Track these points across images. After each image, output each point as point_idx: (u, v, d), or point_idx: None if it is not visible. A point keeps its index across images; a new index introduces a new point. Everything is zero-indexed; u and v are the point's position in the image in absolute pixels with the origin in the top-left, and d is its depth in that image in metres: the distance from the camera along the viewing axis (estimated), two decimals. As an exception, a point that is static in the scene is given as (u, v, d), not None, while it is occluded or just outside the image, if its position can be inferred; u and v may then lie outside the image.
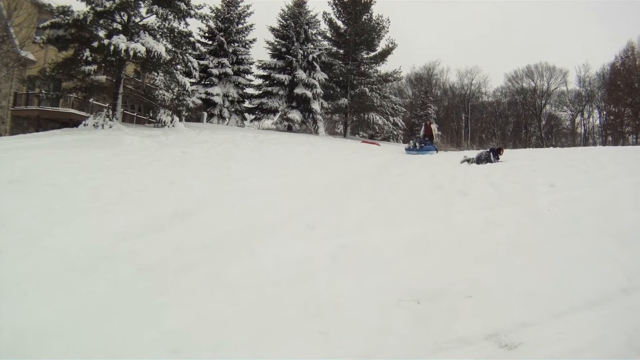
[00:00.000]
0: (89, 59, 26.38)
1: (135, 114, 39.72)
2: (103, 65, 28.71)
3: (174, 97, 31.94)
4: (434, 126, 31.55)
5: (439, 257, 6.95)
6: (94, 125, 26.89)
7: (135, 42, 26.63)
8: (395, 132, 50.73)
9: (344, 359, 4.47)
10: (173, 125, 29.95)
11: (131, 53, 26.02)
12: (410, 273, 6.32)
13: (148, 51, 26.61)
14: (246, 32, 49.61)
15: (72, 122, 31.26)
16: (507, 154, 17.98)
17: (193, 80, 35.56)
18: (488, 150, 17.16)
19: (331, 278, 6.42)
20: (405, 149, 28.09)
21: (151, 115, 35.93)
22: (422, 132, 29.09)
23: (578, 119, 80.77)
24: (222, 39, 46.67)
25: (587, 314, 5.10)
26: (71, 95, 32.85)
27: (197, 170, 14.90)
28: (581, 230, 7.91)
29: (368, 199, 11.14)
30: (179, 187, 12.36)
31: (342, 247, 7.67)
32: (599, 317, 5.01)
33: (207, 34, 47.89)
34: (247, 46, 49.59)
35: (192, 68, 31.25)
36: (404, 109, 54.64)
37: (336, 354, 4.55)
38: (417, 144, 27.58)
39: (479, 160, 16.36)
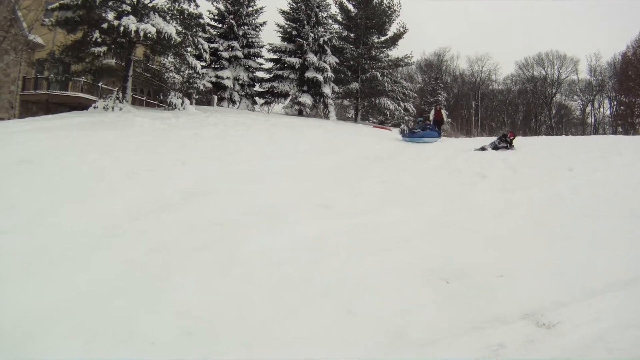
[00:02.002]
0: (99, 40, 25.90)
1: (144, 98, 39.42)
2: (113, 47, 28.23)
3: (185, 79, 31.58)
4: (444, 112, 29.48)
5: (462, 236, 6.80)
6: (103, 107, 26.61)
7: (145, 23, 26.28)
8: (406, 118, 50.54)
9: (376, 338, 4.29)
10: (184, 108, 29.51)
11: (141, 34, 25.74)
12: (434, 252, 6.17)
13: (158, 32, 26.30)
14: (256, 15, 48.75)
15: (81, 106, 30.65)
16: (521, 140, 17.62)
17: (203, 63, 35.13)
18: (498, 138, 16.74)
19: (351, 256, 6.26)
20: (402, 135, 22.56)
21: (161, 99, 35.80)
22: (431, 117, 27.45)
23: (588, 109, 79.65)
24: (232, 21, 45.92)
25: (622, 294, 4.94)
26: (80, 79, 32.57)
27: (209, 151, 14.69)
28: (604, 212, 7.79)
29: (383, 180, 10.97)
30: (191, 167, 12.17)
31: (360, 225, 7.53)
32: (634, 297, 4.88)
33: (216, 17, 47.10)
34: (257, 29, 48.69)
35: (202, 50, 30.91)
36: (415, 95, 54.35)
37: (367, 334, 4.37)
38: (415, 128, 22.73)
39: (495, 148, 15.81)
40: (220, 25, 46.37)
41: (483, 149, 15.74)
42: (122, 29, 25.35)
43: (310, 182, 11.10)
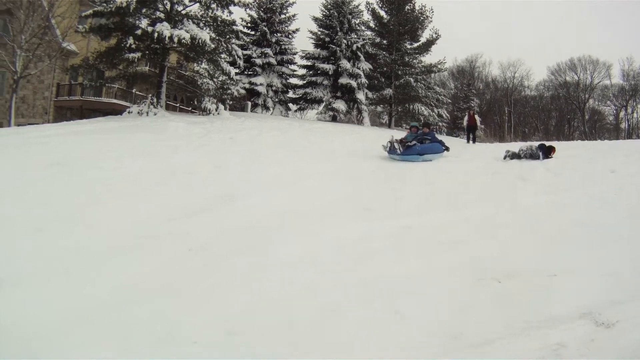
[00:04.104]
0: (133, 46, 26.12)
1: (178, 105, 39.49)
2: (147, 53, 28.67)
3: (219, 85, 31.72)
4: (477, 117, 28.20)
5: (510, 237, 6.68)
6: (138, 112, 26.79)
7: (179, 30, 26.47)
8: (440, 124, 50.30)
9: (430, 339, 4.18)
10: (218, 113, 29.57)
11: (175, 40, 25.95)
12: (483, 253, 6.05)
13: (192, 38, 26.37)
14: (289, 22, 48.89)
15: (114, 112, 30.96)
16: (556, 145, 17.11)
17: (237, 70, 34.98)
18: (537, 146, 15.21)
19: (398, 257, 6.15)
20: (389, 151, 16.20)
21: (195, 104, 35.70)
22: (465, 123, 27.31)
23: (622, 114, 78.22)
24: (265, 29, 46.06)
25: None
26: (114, 85, 32.72)
27: (245, 155, 14.69)
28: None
29: (423, 183, 10.90)
30: (227, 170, 12.17)
31: (404, 227, 7.44)
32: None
33: (249, 24, 47.25)
34: (290, 36, 48.86)
35: (236, 57, 31.21)
36: (449, 100, 54.21)
37: (420, 335, 4.26)
38: (409, 140, 16.51)
39: (525, 155, 14.74)
40: (253, 33, 46.49)
41: (511, 156, 14.70)
42: (156, 35, 25.56)
43: (349, 186, 11.00)
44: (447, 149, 16.74)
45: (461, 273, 5.44)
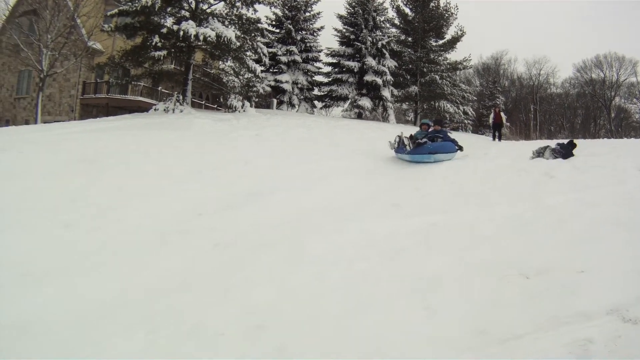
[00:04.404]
0: (159, 44, 26.35)
1: (203, 102, 39.52)
2: (172, 51, 28.96)
3: (244, 83, 31.99)
4: (503, 114, 27.67)
5: (538, 235, 6.62)
6: (164, 109, 27.18)
7: (205, 28, 26.65)
8: (466, 122, 50.15)
9: (459, 334, 4.22)
10: (244, 110, 29.93)
11: (201, 38, 26.12)
12: (511, 250, 6.04)
13: (218, 36, 26.56)
14: (313, 20, 48.97)
15: (140, 110, 31.47)
16: (582, 143, 16.88)
17: (262, 67, 35.26)
18: (557, 144, 14.02)
19: (426, 254, 6.21)
20: (396, 150, 14.95)
21: (220, 102, 36.18)
22: (491, 121, 26.86)
23: (648, 112, 77.38)
24: (290, 26, 46.26)
25: None
26: (139, 83, 33.11)
27: (271, 151, 14.79)
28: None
29: (450, 181, 10.83)
30: (254, 167, 12.31)
31: (432, 224, 7.46)
32: None
33: (274, 22, 47.49)
34: (314, 34, 48.98)
35: (261, 54, 31.33)
36: (475, 98, 54.03)
37: (448, 330, 4.31)
38: (420, 138, 14.50)
39: (550, 155, 14.25)
40: (278, 31, 46.86)
41: (540, 154, 14.20)
42: (181, 33, 25.81)
43: (375, 183, 11.10)
44: (460, 148, 14.58)
45: (488, 269, 5.45)
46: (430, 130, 15.57)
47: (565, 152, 12.96)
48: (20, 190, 9.30)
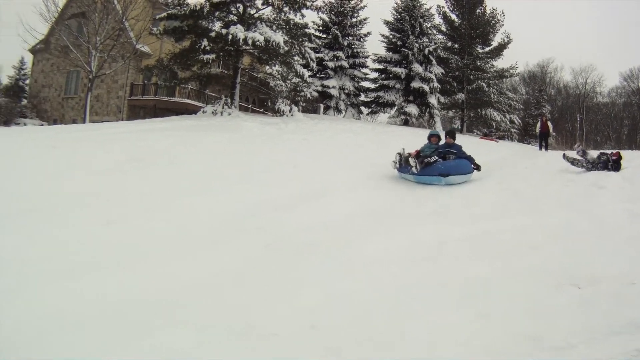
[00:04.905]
0: (207, 48, 26.74)
1: (249, 106, 39.96)
2: (221, 54, 29.31)
3: (292, 87, 32.22)
4: (550, 123, 26.97)
5: (587, 244, 6.57)
6: (212, 112, 27.41)
7: (253, 32, 26.92)
8: (512, 130, 49.74)
9: (511, 341, 4.20)
10: (291, 115, 29.79)
11: (250, 42, 26.43)
12: (562, 259, 5.99)
13: (266, 41, 26.76)
14: (360, 26, 48.72)
15: (187, 112, 31.95)
16: (629, 154, 16.36)
17: (309, 72, 35.48)
18: (599, 154, 12.86)
19: (475, 260, 6.22)
20: (399, 169, 12.87)
21: (267, 106, 36.70)
22: (538, 130, 26.54)
23: (697, 121, 75.47)
24: (337, 32, 46.18)
25: None
26: (187, 86, 33.71)
27: (319, 155, 14.94)
28: None
29: (500, 188, 10.85)
30: (302, 170, 12.43)
31: (481, 232, 7.47)
32: None
33: (321, 28, 47.36)
34: (361, 39, 48.75)
35: (309, 59, 31.57)
36: (521, 106, 53.52)
37: (501, 337, 4.29)
38: (429, 154, 12.36)
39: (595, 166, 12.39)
40: (325, 36, 46.87)
41: (574, 162, 13.47)
42: (230, 37, 26.13)
43: (423, 187, 11.31)
44: (477, 168, 12.33)
45: (540, 277, 5.43)
46: (440, 144, 12.98)
47: (611, 164, 12.43)
48: (69, 187, 9.50)
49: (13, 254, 6.21)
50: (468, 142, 21.64)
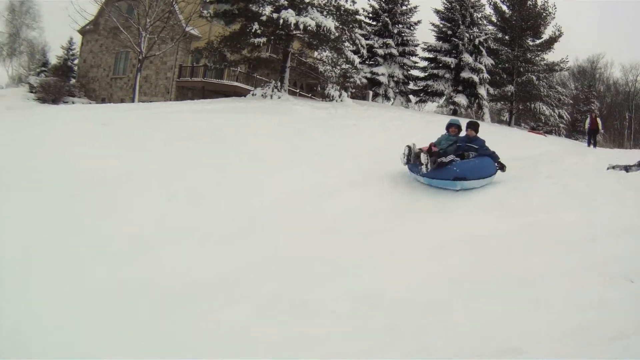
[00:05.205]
0: (258, 32, 27.09)
1: (297, 91, 39.72)
2: (272, 38, 29.48)
3: (341, 73, 32.23)
4: (599, 120, 26.48)
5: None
6: (262, 95, 27.59)
7: (304, 17, 27.06)
8: (561, 125, 49.15)
9: (566, 330, 4.24)
10: (341, 100, 29.82)
11: (301, 27, 26.64)
12: (614, 253, 5.98)
13: (318, 26, 26.91)
14: (410, 14, 48.20)
15: (235, 94, 32.24)
16: None
17: (359, 59, 34.99)
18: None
19: (525, 253, 6.21)
20: (410, 167, 10.59)
21: (315, 91, 36.86)
22: (587, 126, 26.17)
23: None
24: (387, 19, 45.81)
25: None
26: (235, 69, 34.02)
27: (369, 141, 14.92)
28: None
29: (550, 182, 10.54)
30: (352, 155, 12.42)
31: (530, 225, 7.40)
32: None
33: (371, 14, 47.05)
34: (411, 28, 48.27)
35: (359, 46, 31.62)
36: (571, 101, 52.83)
37: (555, 323, 4.36)
38: (442, 151, 10.31)
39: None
40: (374, 23, 46.72)
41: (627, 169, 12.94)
42: (281, 21, 26.21)
43: None
44: (502, 167, 10.51)
45: (592, 271, 5.43)
46: (460, 136, 11.00)
47: None
48: (119, 165, 9.64)
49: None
50: (516, 135, 21.31)
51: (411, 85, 48.26)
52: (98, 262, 5.69)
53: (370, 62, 44.47)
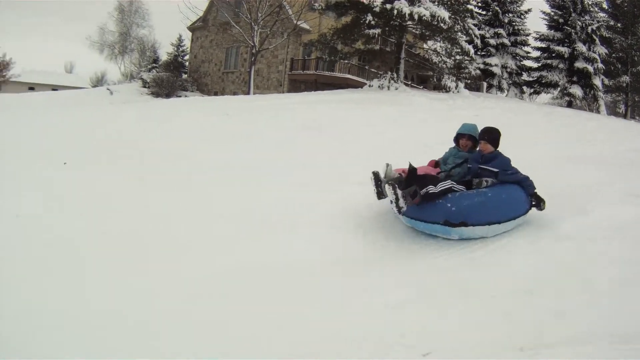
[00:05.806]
0: (372, 22, 27.36)
1: (409, 82, 39.00)
2: (386, 29, 29.65)
3: (455, 64, 31.93)
4: None
5: None
6: (379, 86, 27.81)
7: (418, 7, 26.99)
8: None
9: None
10: (457, 91, 29.66)
11: (415, 17, 26.56)
12: None
13: (432, 15, 26.80)
14: (520, 2, 47.31)
15: (348, 87, 32.57)
16: None
17: (472, 49, 34.91)
18: None
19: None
20: (396, 205, 6.06)
21: (428, 82, 37.26)
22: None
23: None
24: (497, 8, 45.30)
25: None
26: (348, 61, 34.51)
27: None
28: None
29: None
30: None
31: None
32: None
33: (481, 4, 46.50)
34: (522, 17, 47.42)
35: (473, 35, 31.78)
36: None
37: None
38: (450, 171, 6.86)
39: None
40: (484, 12, 46.17)
41: None
42: (395, 12, 26.27)
43: (607, 168, 10.31)
44: (538, 204, 6.58)
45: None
46: (472, 152, 7.13)
47: None
48: (252, 150, 10.10)
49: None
50: (636, 129, 20.13)
51: (524, 76, 47.23)
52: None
53: (483, 53, 43.96)
